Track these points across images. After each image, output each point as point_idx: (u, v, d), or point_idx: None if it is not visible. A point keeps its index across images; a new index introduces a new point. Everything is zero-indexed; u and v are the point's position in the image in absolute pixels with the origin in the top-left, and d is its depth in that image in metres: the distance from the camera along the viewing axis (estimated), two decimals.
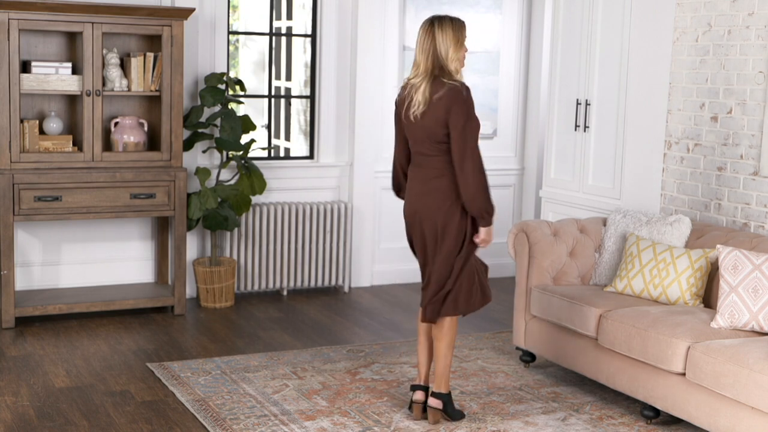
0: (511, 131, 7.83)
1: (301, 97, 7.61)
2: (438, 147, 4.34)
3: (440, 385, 4.51)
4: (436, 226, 4.38)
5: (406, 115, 4.37)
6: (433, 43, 4.32)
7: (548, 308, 5.10)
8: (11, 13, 5.74)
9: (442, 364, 4.50)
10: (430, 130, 4.31)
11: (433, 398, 4.52)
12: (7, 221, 5.83)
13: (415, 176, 4.43)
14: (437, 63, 4.31)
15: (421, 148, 4.37)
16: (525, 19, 7.73)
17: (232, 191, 6.45)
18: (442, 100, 4.27)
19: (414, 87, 4.35)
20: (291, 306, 6.75)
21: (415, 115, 4.33)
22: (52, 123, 6.12)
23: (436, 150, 4.34)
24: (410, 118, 4.35)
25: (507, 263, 7.84)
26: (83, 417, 4.51)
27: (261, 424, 4.46)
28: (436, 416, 4.52)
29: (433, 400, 4.52)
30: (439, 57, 4.32)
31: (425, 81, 4.32)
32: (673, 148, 5.77)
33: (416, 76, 4.35)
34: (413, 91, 4.34)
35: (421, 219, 4.41)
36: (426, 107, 4.29)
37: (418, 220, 4.42)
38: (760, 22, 5.20)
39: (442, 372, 4.50)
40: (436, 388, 4.52)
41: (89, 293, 6.34)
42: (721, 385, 4.13)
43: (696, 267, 4.89)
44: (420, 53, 4.35)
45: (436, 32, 4.33)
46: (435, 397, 4.52)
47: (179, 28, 6.12)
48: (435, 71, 4.31)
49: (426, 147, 4.35)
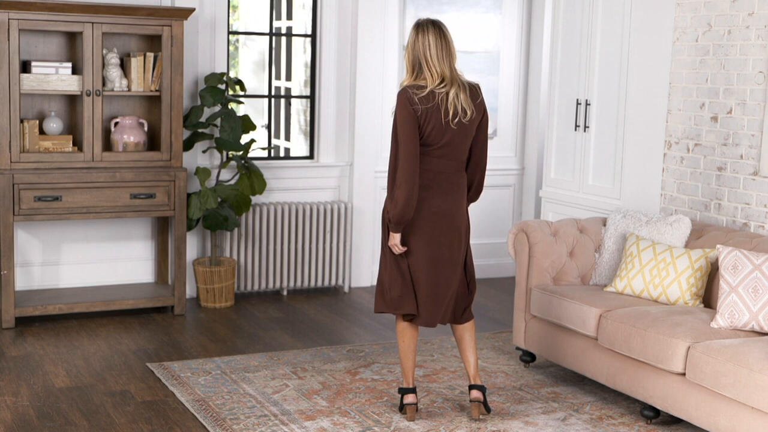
0: (511, 131, 7.83)
1: (301, 97, 7.61)
2: (466, 151, 4.45)
3: (479, 378, 4.61)
4: (461, 231, 4.49)
5: (445, 122, 4.32)
6: (449, 47, 4.36)
7: (548, 308, 5.10)
8: (11, 13, 5.74)
9: (477, 356, 4.63)
10: (470, 135, 4.41)
11: (477, 391, 4.57)
12: (7, 221, 5.84)
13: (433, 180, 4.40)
14: (454, 67, 4.37)
15: (453, 153, 4.40)
16: (525, 19, 7.73)
17: (232, 191, 6.45)
18: (481, 104, 4.42)
19: (444, 95, 4.32)
20: (291, 306, 6.75)
21: (460, 123, 4.33)
22: (52, 123, 6.12)
23: (464, 155, 4.45)
24: (450, 125, 4.33)
25: (507, 263, 7.84)
26: (83, 417, 4.52)
27: (261, 424, 4.46)
28: (481, 409, 4.60)
29: (478, 393, 4.57)
30: (453, 60, 4.36)
31: (460, 87, 4.34)
32: (673, 148, 5.77)
33: (443, 84, 4.32)
34: (445, 99, 4.31)
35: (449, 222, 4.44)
36: (474, 112, 4.37)
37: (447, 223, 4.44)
38: (760, 22, 5.21)
39: (478, 365, 4.66)
40: (477, 381, 4.59)
41: (89, 293, 6.34)
42: (721, 385, 4.13)
43: (696, 267, 4.89)
44: (437, 61, 4.31)
45: (447, 36, 4.36)
46: (478, 390, 4.58)
47: (179, 28, 6.12)
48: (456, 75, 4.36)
49: (461, 152, 4.42)
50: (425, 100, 4.30)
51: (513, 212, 7.92)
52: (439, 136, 4.34)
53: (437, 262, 4.44)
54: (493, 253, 7.79)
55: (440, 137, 4.34)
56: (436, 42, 4.32)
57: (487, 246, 7.73)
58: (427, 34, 4.34)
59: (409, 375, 4.59)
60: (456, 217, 4.45)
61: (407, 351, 4.57)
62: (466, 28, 7.49)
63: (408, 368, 4.58)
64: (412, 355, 4.58)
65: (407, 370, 4.58)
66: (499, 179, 7.73)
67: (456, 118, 4.32)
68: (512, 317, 6.30)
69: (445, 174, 4.40)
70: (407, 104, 4.29)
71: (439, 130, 4.32)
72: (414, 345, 4.58)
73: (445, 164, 4.40)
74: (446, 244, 4.44)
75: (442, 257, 4.44)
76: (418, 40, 4.35)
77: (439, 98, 4.31)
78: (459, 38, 7.38)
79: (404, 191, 4.29)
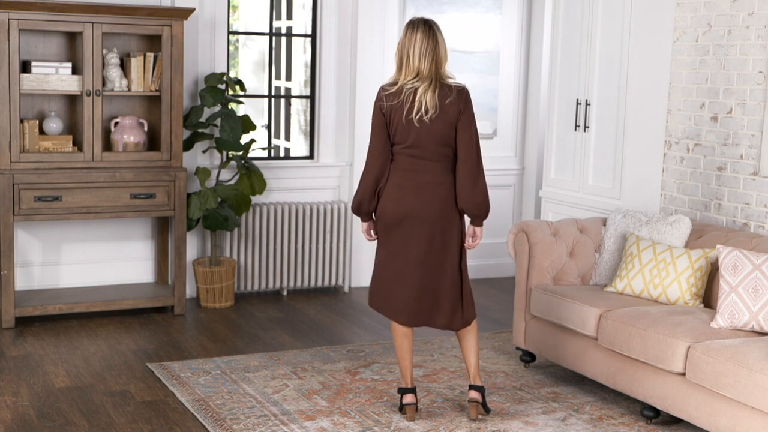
0: (511, 131, 7.83)
1: (301, 97, 7.61)
2: (442, 151, 4.38)
3: (479, 378, 4.61)
4: (434, 234, 4.42)
5: (407, 120, 4.33)
6: (436, 46, 4.35)
7: (548, 308, 5.10)
8: (11, 13, 5.74)
9: (478, 357, 4.62)
10: (440, 134, 4.34)
11: (476, 392, 4.57)
12: (7, 221, 5.83)
13: (407, 179, 4.39)
14: (437, 66, 4.35)
15: (423, 152, 4.37)
16: (525, 19, 7.73)
17: (232, 191, 6.45)
18: (453, 104, 4.34)
19: (412, 91, 4.32)
20: (291, 306, 6.75)
21: (422, 120, 4.31)
22: (52, 123, 6.12)
23: (439, 155, 4.38)
24: (413, 123, 4.32)
25: (507, 263, 7.84)
26: (83, 417, 4.52)
27: (261, 424, 4.46)
28: (480, 410, 4.61)
29: (476, 394, 4.57)
30: (438, 60, 4.35)
31: (430, 86, 4.32)
32: (673, 148, 5.77)
33: (416, 80, 4.32)
34: (413, 96, 4.32)
35: (413, 223, 4.40)
36: (437, 112, 4.31)
37: (409, 223, 4.41)
38: (760, 22, 5.21)
39: (479, 365, 4.61)
40: (477, 382, 4.58)
41: (89, 293, 6.34)
42: (721, 385, 4.13)
43: (696, 267, 4.89)
44: (418, 58, 4.32)
45: (437, 35, 4.36)
46: (477, 390, 4.58)
47: (179, 28, 6.12)
48: (436, 74, 4.34)
49: (429, 152, 4.37)
50: (392, 96, 4.36)
51: (513, 212, 7.92)
52: (405, 134, 4.35)
53: (405, 261, 4.45)
54: (493, 253, 7.79)
55: (406, 135, 4.35)
56: (422, 40, 4.34)
57: (487, 246, 7.72)
58: (415, 31, 4.36)
59: (407, 374, 4.59)
60: (431, 217, 4.40)
61: (401, 349, 4.58)
62: (466, 28, 7.49)
63: (405, 367, 4.58)
64: (408, 355, 4.58)
65: (404, 369, 4.58)
66: (499, 179, 7.73)
67: (418, 115, 4.31)
68: (512, 317, 6.30)
69: (419, 173, 4.39)
70: (377, 101, 4.42)
71: (403, 127, 4.35)
72: (408, 344, 4.57)
73: (418, 163, 4.39)
74: (416, 244, 4.42)
75: (409, 256, 4.44)
76: (406, 36, 4.38)
77: (405, 95, 4.33)
78: (459, 38, 7.44)
79: (361, 184, 4.49)
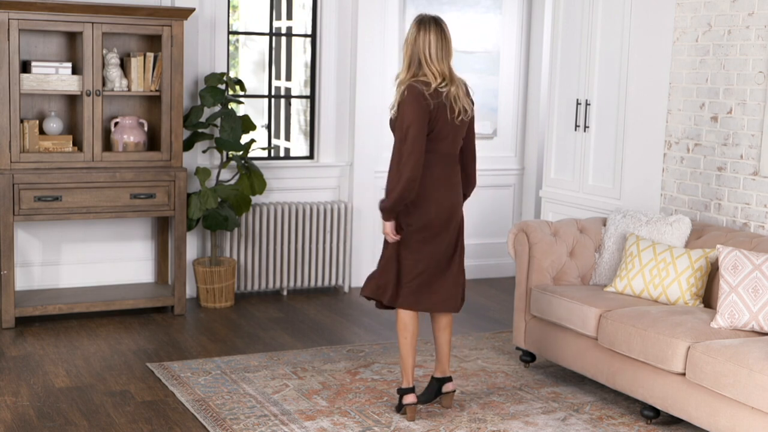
0: (511, 131, 7.83)
1: (301, 97, 7.61)
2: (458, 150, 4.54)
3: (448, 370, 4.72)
4: (459, 228, 4.58)
5: (450, 119, 4.38)
6: (448, 46, 4.43)
7: (548, 308, 5.10)
8: (11, 13, 5.74)
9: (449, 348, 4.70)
10: (463, 132, 4.50)
11: (451, 384, 4.70)
12: (7, 221, 5.84)
13: (443, 177, 4.46)
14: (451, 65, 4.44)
15: (454, 149, 4.49)
16: (525, 19, 7.73)
17: (232, 191, 6.45)
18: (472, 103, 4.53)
19: (448, 93, 4.37)
20: (291, 306, 6.75)
21: (456, 121, 4.41)
22: (52, 123, 6.12)
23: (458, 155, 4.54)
24: (453, 124, 4.41)
25: (507, 263, 7.84)
26: (83, 417, 4.52)
27: (261, 424, 4.46)
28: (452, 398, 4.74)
29: (451, 384, 4.70)
30: (450, 59, 4.44)
31: (458, 85, 4.43)
32: (673, 148, 5.77)
33: (444, 84, 4.37)
34: (449, 97, 4.37)
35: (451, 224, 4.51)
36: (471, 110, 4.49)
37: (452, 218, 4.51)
38: (760, 22, 5.21)
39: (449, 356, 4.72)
40: (447, 373, 4.69)
41: (89, 293, 6.34)
42: (721, 385, 4.13)
43: (696, 267, 4.89)
44: (437, 60, 4.36)
45: (447, 34, 4.42)
46: (450, 381, 4.70)
47: (179, 28, 6.12)
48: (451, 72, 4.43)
49: (457, 148, 4.50)
50: (433, 96, 4.35)
51: (513, 212, 7.92)
52: (444, 133, 4.40)
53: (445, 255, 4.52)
54: (493, 253, 7.78)
55: (445, 134, 4.41)
56: (437, 41, 4.36)
57: (487, 246, 7.73)
58: (429, 32, 4.36)
59: (410, 373, 4.59)
60: (459, 212, 4.55)
61: (409, 348, 4.56)
62: (466, 28, 7.49)
63: (409, 366, 4.58)
64: (413, 352, 4.59)
65: (408, 368, 4.58)
66: (499, 179, 7.73)
67: (458, 115, 4.41)
68: (512, 317, 6.30)
69: (449, 169, 4.49)
70: (420, 99, 4.30)
71: (444, 126, 4.39)
72: (415, 342, 4.60)
73: (448, 160, 4.48)
74: (448, 239, 4.53)
75: (446, 251, 4.53)
76: (420, 37, 4.37)
77: (444, 96, 4.37)
78: (459, 38, 7.43)
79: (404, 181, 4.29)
